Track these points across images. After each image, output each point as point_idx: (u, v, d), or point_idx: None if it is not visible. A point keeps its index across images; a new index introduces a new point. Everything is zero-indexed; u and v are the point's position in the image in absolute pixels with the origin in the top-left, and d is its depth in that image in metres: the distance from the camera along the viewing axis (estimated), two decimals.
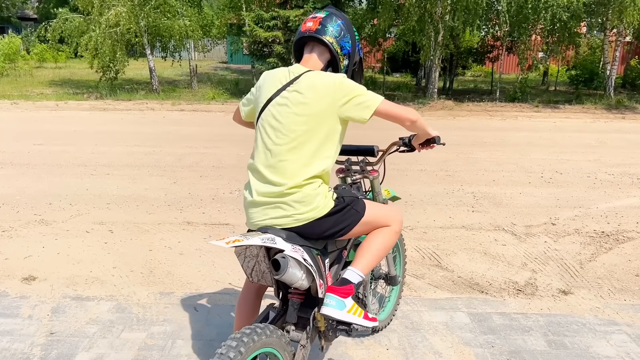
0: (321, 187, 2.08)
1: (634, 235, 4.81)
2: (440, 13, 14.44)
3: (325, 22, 2.18)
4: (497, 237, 4.72)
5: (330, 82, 2.06)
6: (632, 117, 13.91)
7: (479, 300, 3.48)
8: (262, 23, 16.05)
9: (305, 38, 2.21)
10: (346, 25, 2.22)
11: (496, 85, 17.10)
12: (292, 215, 2.02)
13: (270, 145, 2.07)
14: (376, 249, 2.23)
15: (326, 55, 2.21)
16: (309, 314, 2.20)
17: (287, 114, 2.06)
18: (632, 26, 15.30)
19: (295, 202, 2.02)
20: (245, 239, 1.88)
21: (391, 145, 2.67)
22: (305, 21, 2.23)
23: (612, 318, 3.26)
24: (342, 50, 2.21)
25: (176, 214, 5.22)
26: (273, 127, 2.08)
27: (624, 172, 7.30)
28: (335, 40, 2.18)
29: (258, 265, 2.07)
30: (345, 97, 2.05)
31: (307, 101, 2.04)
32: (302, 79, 2.09)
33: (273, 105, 2.10)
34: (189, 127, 10.91)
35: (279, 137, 2.05)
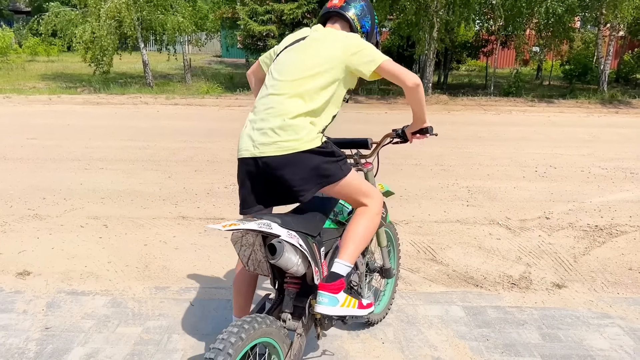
0: (312, 124, 2.16)
1: (627, 229, 4.84)
2: (436, 7, 14.42)
3: (350, 1, 2.40)
4: (491, 231, 4.74)
5: (345, 34, 2.28)
6: (626, 111, 13.97)
7: (473, 294, 3.50)
8: (256, 17, 15.99)
9: (330, 13, 2.41)
10: (368, 7, 2.45)
11: (490, 80, 17.12)
12: (276, 142, 2.10)
13: (272, 80, 2.24)
14: (359, 235, 2.24)
15: (347, 30, 2.39)
16: (305, 302, 2.22)
17: (299, 51, 2.26)
18: (626, 21, 15.33)
19: (280, 130, 2.10)
20: (242, 224, 1.90)
21: (384, 137, 2.70)
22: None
23: (605, 311, 3.29)
24: (361, 28, 2.42)
25: (171, 208, 5.21)
26: (281, 65, 2.26)
27: (618, 166, 7.34)
28: (357, 17, 2.39)
29: (254, 254, 2.09)
30: (356, 48, 2.21)
31: (321, 40, 2.26)
32: (318, 31, 2.32)
33: (287, 50, 2.31)
34: (183, 121, 10.87)
35: (283, 72, 2.22)
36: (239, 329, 1.79)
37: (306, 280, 2.19)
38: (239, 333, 1.77)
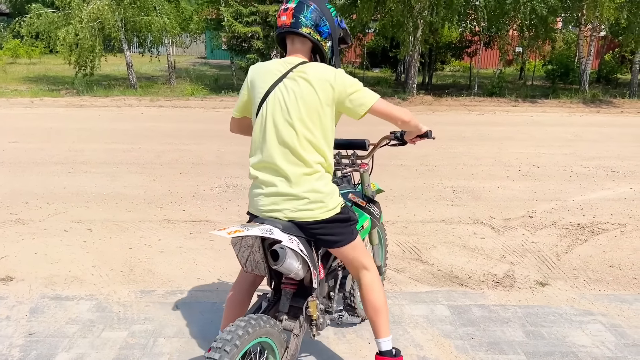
0: (329, 188, 2.15)
1: (609, 226, 4.92)
2: (420, 8, 14.51)
3: (298, 13, 2.16)
4: (476, 231, 4.79)
5: (331, 76, 2.10)
6: (607, 110, 14.19)
7: (458, 293, 3.53)
8: (241, 18, 15.94)
9: (284, 33, 2.22)
10: (319, 7, 2.20)
11: (474, 80, 17.28)
12: (299, 210, 2.08)
13: (277, 137, 2.10)
14: (379, 310, 2.33)
15: (308, 44, 2.22)
16: (302, 303, 2.25)
17: (291, 103, 2.09)
18: (607, 21, 15.56)
19: (301, 200, 2.08)
20: (246, 230, 1.91)
21: (382, 139, 2.70)
22: (279, 14, 2.22)
23: (587, 308, 3.34)
24: (321, 35, 2.21)
25: (156, 211, 5.18)
26: (277, 114, 2.11)
27: (599, 165, 7.45)
28: (312, 29, 2.17)
29: (252, 255, 2.13)
30: (344, 91, 2.10)
31: (309, 92, 2.09)
32: (301, 70, 2.13)
33: (277, 94, 2.12)
34: (167, 123, 10.81)
35: (285, 128, 2.09)
36: (233, 336, 1.79)
37: (303, 282, 2.23)
38: (232, 340, 1.77)
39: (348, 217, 2.22)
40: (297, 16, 2.16)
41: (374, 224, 2.78)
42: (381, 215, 2.86)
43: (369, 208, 2.69)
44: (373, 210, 2.72)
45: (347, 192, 2.68)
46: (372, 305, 2.32)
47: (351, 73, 16.77)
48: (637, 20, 14.86)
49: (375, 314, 2.33)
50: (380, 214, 2.81)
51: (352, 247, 2.25)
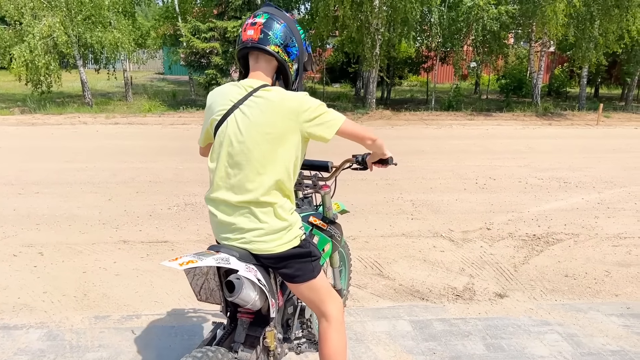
0: (289, 218, 2.01)
1: (563, 237, 5.06)
2: (377, 25, 14.76)
3: (267, 29, 1.99)
4: (435, 244, 4.84)
5: (294, 103, 1.94)
6: (558, 123, 14.71)
7: (420, 308, 3.55)
8: (199, 34, 15.83)
9: (248, 48, 2.03)
10: (289, 26, 2.04)
11: (431, 95, 17.64)
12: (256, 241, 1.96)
13: (232, 164, 1.97)
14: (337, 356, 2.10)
15: (273, 64, 2.05)
16: (259, 332, 2.13)
17: (249, 131, 1.93)
18: (554, 37, 16.22)
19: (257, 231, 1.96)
20: (200, 260, 1.80)
21: (344, 162, 2.65)
22: (245, 28, 2.03)
23: (544, 318, 3.40)
24: (289, 56, 2.05)
25: (111, 232, 5.02)
26: (234, 145, 1.95)
27: (552, 176, 7.68)
28: (280, 48, 2.01)
29: (207, 283, 2.02)
30: (309, 116, 1.95)
31: (268, 120, 1.92)
32: (260, 96, 1.96)
33: (231, 122, 1.97)
34: (123, 140, 10.57)
35: (241, 155, 1.94)
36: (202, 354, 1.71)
37: (261, 310, 2.11)
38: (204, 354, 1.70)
39: (308, 251, 2.05)
40: (266, 32, 1.99)
41: (335, 246, 2.71)
42: (342, 238, 2.82)
43: (330, 230, 2.62)
44: (334, 233, 2.65)
45: (308, 214, 2.59)
46: (324, 356, 2.11)
47: (311, 88, 17.00)
48: (584, 36, 15.54)
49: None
50: (341, 235, 2.76)
51: (309, 287, 2.06)
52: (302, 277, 2.04)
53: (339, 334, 2.11)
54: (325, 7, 14.70)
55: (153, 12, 27.74)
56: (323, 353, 2.11)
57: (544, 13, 14.22)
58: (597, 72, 20.38)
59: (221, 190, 2.00)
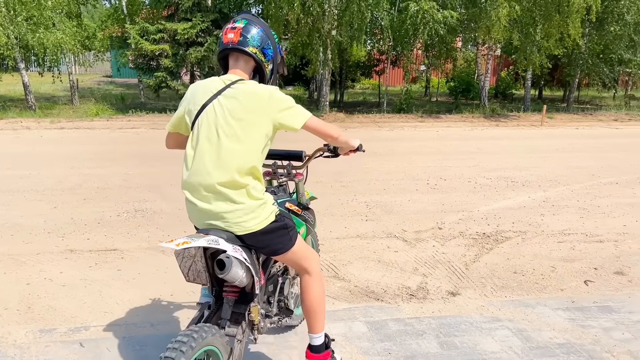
0: (263, 197, 2.23)
1: (511, 234, 5.22)
2: (327, 28, 14.84)
3: (246, 32, 2.26)
4: (389, 244, 4.90)
5: (266, 93, 2.19)
6: (505, 124, 15.21)
7: (375, 308, 3.57)
8: (147, 36, 15.47)
9: (229, 49, 2.28)
10: (265, 31, 2.32)
11: (383, 98, 17.89)
12: (236, 223, 2.16)
13: (210, 148, 2.15)
14: (317, 305, 2.46)
15: (251, 64, 2.32)
16: (243, 309, 2.35)
17: (225, 117, 2.16)
18: (499, 41, 16.77)
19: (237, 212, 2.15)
20: (193, 241, 2.00)
21: (317, 150, 2.83)
22: (225, 31, 2.28)
23: (495, 315, 3.50)
24: (265, 57, 2.33)
25: (57, 242, 4.82)
26: (211, 127, 2.16)
27: (500, 176, 7.92)
28: (258, 49, 2.28)
29: (194, 265, 2.25)
30: (280, 106, 2.20)
31: (243, 108, 2.16)
32: (237, 87, 2.20)
33: (209, 110, 2.19)
34: (70, 146, 10.19)
35: (218, 140, 2.14)
36: (189, 338, 1.91)
37: (245, 288, 2.33)
38: (189, 342, 1.90)
39: (284, 224, 2.29)
40: (245, 35, 2.25)
41: (309, 230, 2.89)
42: (315, 223, 2.94)
43: (304, 215, 2.82)
44: (308, 217, 2.84)
45: (284, 200, 2.75)
46: (306, 306, 2.46)
47: None
48: (527, 40, 16.13)
49: (309, 313, 2.46)
50: (314, 220, 2.90)
51: (291, 253, 2.34)
52: (283, 249, 2.31)
53: (319, 285, 2.46)
54: (276, 10, 14.67)
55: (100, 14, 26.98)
56: (305, 302, 2.45)
57: (489, 18, 14.68)
58: (540, 75, 21.22)
59: (199, 174, 2.17)
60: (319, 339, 2.50)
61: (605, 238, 5.13)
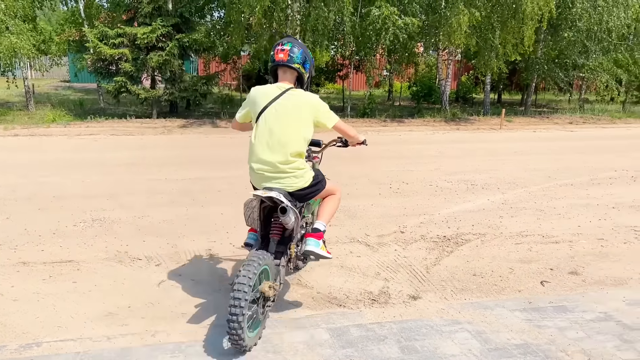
0: (306, 167, 3.31)
1: (471, 237, 5.31)
2: (291, 33, 14.84)
3: (292, 53, 3.25)
4: (352, 249, 4.91)
5: (313, 100, 3.28)
6: (465, 128, 15.51)
7: (337, 315, 3.57)
8: (107, 40, 15.14)
9: (280, 65, 3.29)
10: (305, 51, 3.33)
11: (347, 102, 18.00)
12: (293, 184, 3.24)
13: (270, 134, 3.20)
14: (331, 208, 3.58)
15: (295, 75, 3.34)
16: (283, 248, 3.38)
17: (282, 116, 3.20)
18: (459, 47, 17.11)
19: (292, 175, 3.23)
20: (267, 193, 3.12)
21: (332, 141, 3.88)
22: (276, 52, 3.28)
23: (455, 318, 3.54)
24: (305, 70, 3.34)
25: (9, 254, 4.64)
26: (273, 122, 3.20)
27: (460, 179, 8.07)
28: (300, 65, 3.29)
29: (252, 214, 3.35)
30: (321, 111, 3.28)
31: (295, 110, 3.22)
32: (290, 94, 3.26)
33: (270, 110, 3.23)
34: (24, 153, 9.85)
35: (277, 129, 3.19)
36: (258, 257, 2.97)
37: (285, 233, 3.37)
38: (258, 260, 2.95)
39: (318, 181, 3.43)
40: (291, 55, 3.25)
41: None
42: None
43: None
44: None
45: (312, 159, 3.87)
46: (324, 204, 3.58)
47: (228, 96, 16.65)
48: (485, 46, 16.52)
49: (323, 208, 3.56)
50: None
51: (325, 191, 3.55)
52: (321, 190, 3.49)
53: (338, 198, 3.65)
54: (237, 15, 14.59)
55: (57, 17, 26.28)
56: (325, 202, 3.60)
57: (449, 24, 14.97)
58: (499, 79, 21.76)
59: (262, 154, 3.21)
60: (322, 225, 3.45)
61: (561, 239, 5.28)
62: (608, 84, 18.80)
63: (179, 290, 3.95)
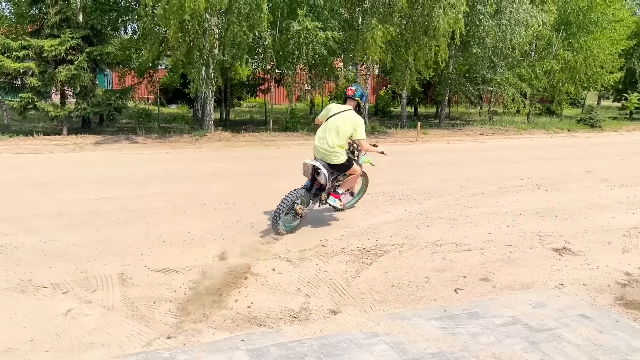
0: (342, 152, 5.85)
1: (389, 248, 5.44)
2: (209, 47, 14.65)
3: (356, 91, 6.01)
4: (274, 266, 4.86)
5: (355, 120, 5.85)
6: (384, 140, 15.95)
7: (257, 335, 3.51)
8: (10, 53, 14.18)
9: (348, 97, 6.04)
10: (363, 90, 6.09)
11: (270, 116, 17.97)
12: (334, 160, 5.82)
13: (329, 131, 5.80)
14: (348, 183, 6.28)
15: (355, 103, 6.01)
16: (319, 192, 6.05)
17: (339, 122, 5.79)
18: (375, 62, 17.62)
19: (334, 155, 5.80)
20: (314, 162, 5.86)
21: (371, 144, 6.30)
22: (348, 90, 6.07)
23: (374, 330, 3.59)
24: (362, 101, 6.05)
25: None
26: (333, 124, 5.82)
27: (380, 191, 8.25)
28: (359, 98, 6.02)
29: (307, 171, 5.96)
30: (357, 127, 5.83)
31: (345, 122, 5.80)
32: (347, 112, 5.89)
33: (334, 118, 5.84)
34: None
35: (332, 129, 5.79)
36: (297, 191, 5.83)
37: (322, 187, 5.98)
38: (296, 193, 5.79)
39: (351, 162, 6.02)
40: (355, 92, 6.01)
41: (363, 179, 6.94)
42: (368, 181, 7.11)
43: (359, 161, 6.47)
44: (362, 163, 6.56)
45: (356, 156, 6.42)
46: (346, 180, 6.24)
47: (145, 110, 16.00)
48: (400, 61, 17.14)
49: (346, 183, 6.26)
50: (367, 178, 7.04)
51: (351, 170, 6.09)
52: (349, 168, 6.03)
53: (357, 177, 6.41)
54: (152, 28, 14.21)
55: None
56: (347, 179, 6.26)
57: (365, 39, 15.40)
58: (415, 94, 22.61)
59: (321, 140, 5.86)
60: (340, 190, 6.19)
61: (473, 246, 5.53)
62: (514, 97, 20.04)
63: (88, 319, 3.73)
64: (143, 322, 3.69)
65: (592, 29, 20.60)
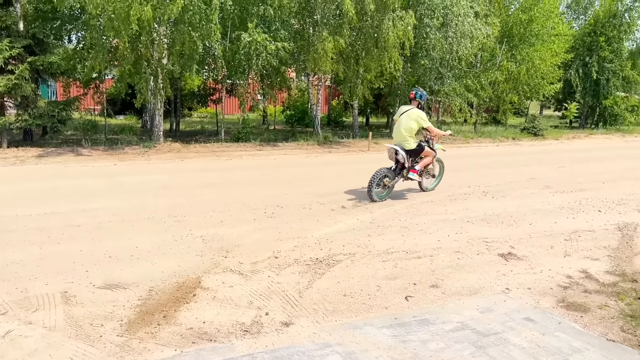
0: (413, 139, 8.40)
1: (342, 257, 5.46)
2: (157, 57, 14.41)
3: (417, 94, 8.50)
4: (225, 280, 4.79)
5: (419, 114, 8.36)
6: (337, 150, 16.08)
7: (207, 351, 3.44)
8: None
9: (412, 99, 8.53)
10: (423, 94, 8.60)
11: (221, 126, 17.80)
12: (407, 145, 8.36)
13: (401, 124, 8.42)
14: (423, 163, 8.58)
15: (417, 102, 8.52)
16: (401, 170, 8.51)
17: (404, 118, 8.40)
18: (327, 72, 17.78)
19: (406, 142, 8.36)
20: (394, 147, 8.42)
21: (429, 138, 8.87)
22: (411, 93, 8.57)
23: (326, 341, 3.59)
24: (422, 101, 8.56)
25: None
26: (403, 120, 8.41)
27: (332, 200, 8.30)
28: (420, 100, 8.53)
29: (391, 154, 8.55)
30: (420, 119, 8.34)
31: (411, 118, 8.35)
32: (412, 110, 8.42)
33: (404, 115, 8.44)
34: None
35: (404, 122, 8.38)
36: (384, 168, 8.34)
37: (404, 166, 8.42)
38: (382, 170, 8.30)
39: (422, 147, 8.49)
40: (416, 94, 8.52)
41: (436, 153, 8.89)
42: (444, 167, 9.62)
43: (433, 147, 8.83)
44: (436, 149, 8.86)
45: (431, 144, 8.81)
46: (425, 161, 8.62)
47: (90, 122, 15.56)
48: (351, 73, 17.37)
49: (422, 163, 8.57)
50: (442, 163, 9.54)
51: (424, 152, 8.55)
52: (420, 152, 8.51)
53: (431, 159, 8.72)
54: (99, 38, 13.85)
55: None
56: (422, 160, 8.59)
57: (315, 49, 15.53)
58: (366, 104, 22.93)
59: (397, 131, 8.48)
60: (418, 166, 8.46)
61: (423, 254, 5.63)
62: (461, 107, 20.64)
63: (29, 340, 3.56)
64: (88, 341, 3.55)
65: (534, 42, 21.51)
